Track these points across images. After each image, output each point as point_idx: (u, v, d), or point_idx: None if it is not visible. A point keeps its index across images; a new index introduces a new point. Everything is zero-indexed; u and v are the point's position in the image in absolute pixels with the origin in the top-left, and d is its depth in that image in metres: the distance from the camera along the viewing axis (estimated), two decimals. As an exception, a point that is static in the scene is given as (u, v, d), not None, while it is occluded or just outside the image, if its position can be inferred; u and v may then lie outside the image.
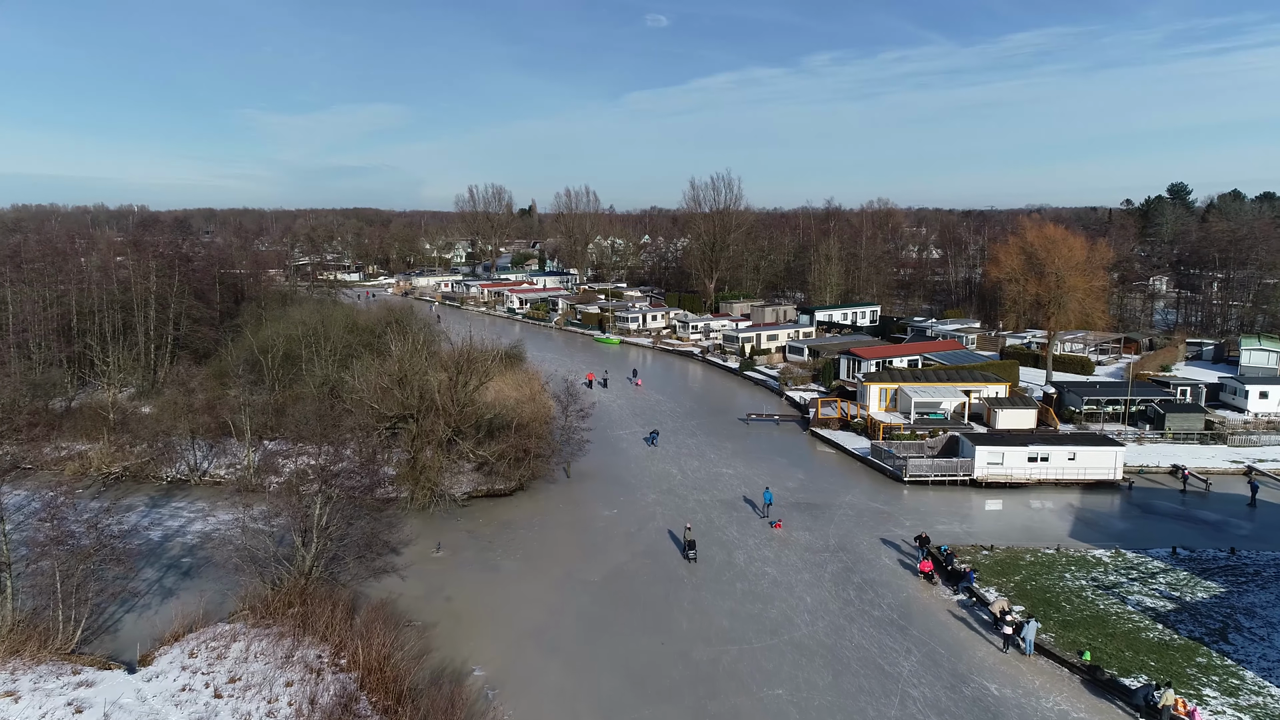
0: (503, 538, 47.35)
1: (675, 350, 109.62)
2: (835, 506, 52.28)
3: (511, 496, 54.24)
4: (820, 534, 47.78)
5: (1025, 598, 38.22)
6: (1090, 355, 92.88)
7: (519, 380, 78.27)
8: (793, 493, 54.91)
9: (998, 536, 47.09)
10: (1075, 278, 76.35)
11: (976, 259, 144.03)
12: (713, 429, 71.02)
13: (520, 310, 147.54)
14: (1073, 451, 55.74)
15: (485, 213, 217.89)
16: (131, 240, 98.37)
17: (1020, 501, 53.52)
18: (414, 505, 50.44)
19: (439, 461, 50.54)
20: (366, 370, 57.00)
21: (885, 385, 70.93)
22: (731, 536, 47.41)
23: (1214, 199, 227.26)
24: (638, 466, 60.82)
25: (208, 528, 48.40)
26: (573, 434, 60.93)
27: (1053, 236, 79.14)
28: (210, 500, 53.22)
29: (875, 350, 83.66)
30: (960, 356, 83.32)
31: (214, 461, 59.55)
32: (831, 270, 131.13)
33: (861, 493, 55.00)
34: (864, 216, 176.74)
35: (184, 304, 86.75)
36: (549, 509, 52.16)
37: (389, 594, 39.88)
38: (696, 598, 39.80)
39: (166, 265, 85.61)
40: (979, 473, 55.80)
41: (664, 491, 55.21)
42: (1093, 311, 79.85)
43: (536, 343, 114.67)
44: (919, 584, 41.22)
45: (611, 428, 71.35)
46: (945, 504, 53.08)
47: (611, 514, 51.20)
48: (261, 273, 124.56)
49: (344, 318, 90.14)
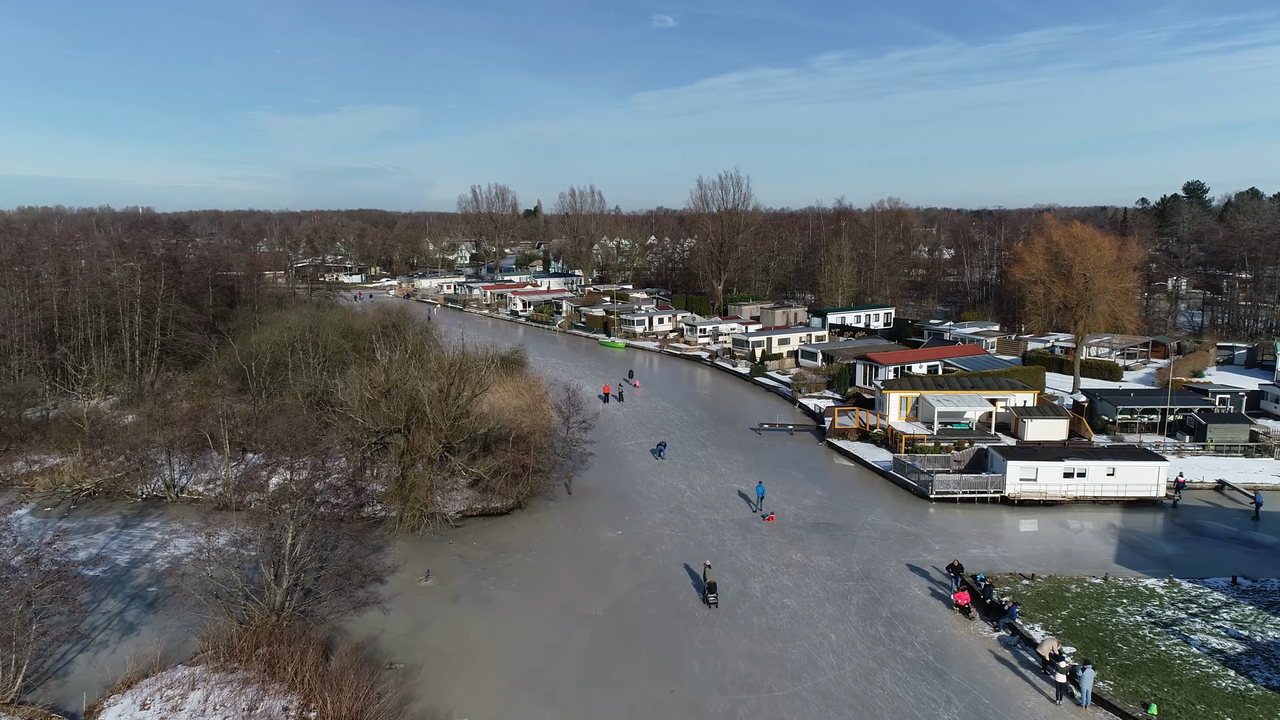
0: (497, 563, 43.62)
1: (683, 354, 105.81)
2: (857, 527, 48.40)
3: (508, 515, 50.54)
4: (842, 559, 43.92)
5: (1076, 637, 34.31)
6: (1116, 360, 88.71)
7: (519, 387, 74.64)
8: (810, 511, 51.06)
9: (1037, 562, 43.16)
10: (1105, 279, 72.27)
11: (992, 259, 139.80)
12: (723, 439, 67.20)
13: (523, 313, 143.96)
14: (1112, 467, 51.76)
15: (489, 214, 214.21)
16: (117, 242, 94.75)
17: (1057, 521, 49.56)
18: (402, 526, 46.78)
19: (429, 479, 46.84)
20: (354, 379, 53.40)
21: (906, 393, 66.99)
22: (746, 562, 43.58)
23: (1231, 197, 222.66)
24: (644, 481, 57.07)
25: (179, 552, 44.76)
26: (575, 446, 57.32)
27: (1080, 236, 75.07)
28: (186, 520, 49.59)
29: (893, 355, 79.71)
30: (982, 362, 79.32)
31: (193, 477, 55.97)
32: (844, 271, 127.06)
33: (884, 511, 51.12)
34: (874, 216, 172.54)
35: (171, 308, 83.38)
36: (548, 530, 48.43)
37: (370, 630, 36.19)
38: (709, 635, 36.00)
39: (153, 267, 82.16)
40: (1011, 490, 51.86)
41: (672, 510, 51.42)
42: (1123, 314, 75.74)
43: (539, 346, 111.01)
44: (954, 619, 37.35)
45: (616, 438, 67.60)
46: (975, 524, 49.16)
47: (616, 536, 47.43)
48: (258, 275, 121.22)
49: (338, 322, 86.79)
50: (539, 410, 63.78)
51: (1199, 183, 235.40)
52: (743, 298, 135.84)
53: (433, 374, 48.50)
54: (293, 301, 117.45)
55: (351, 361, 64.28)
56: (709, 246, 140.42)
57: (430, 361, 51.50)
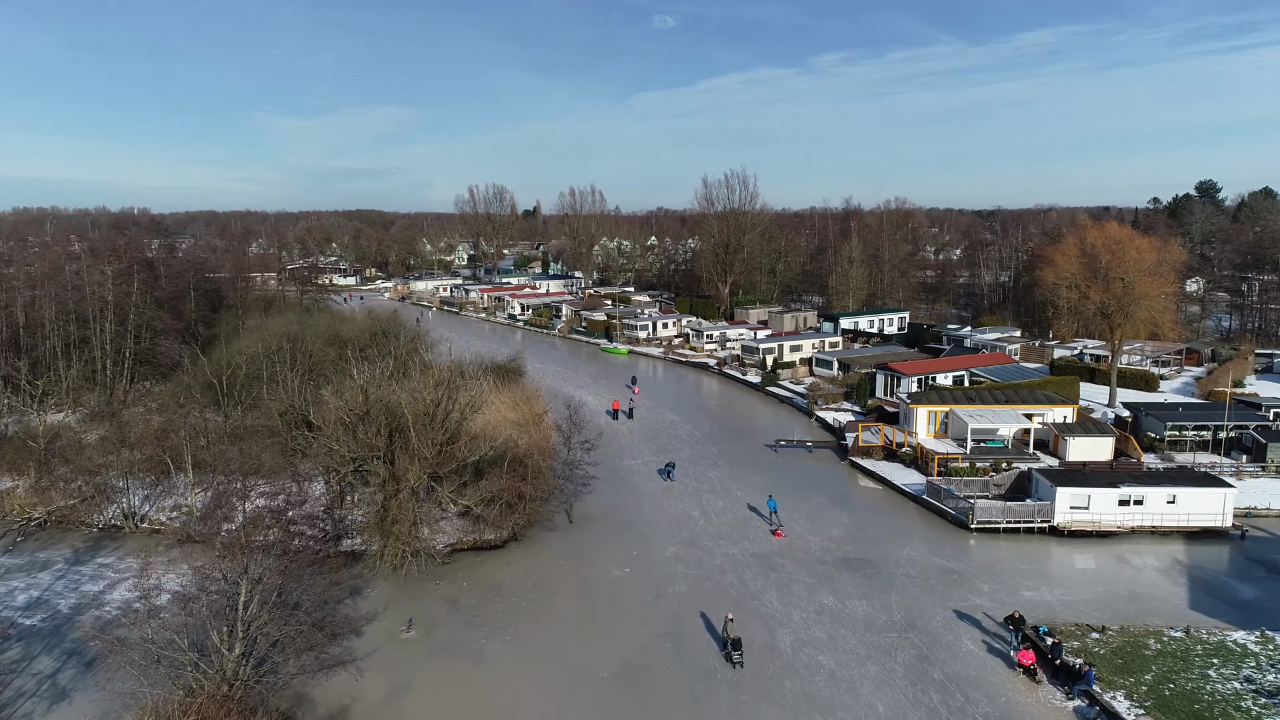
0: (490, 609, 38.51)
1: (688, 361, 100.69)
2: (892, 563, 43.30)
3: (503, 549, 45.46)
4: (880, 603, 38.83)
5: (1168, 711, 29.22)
6: (1150, 368, 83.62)
7: (516, 399, 69.05)
8: (838, 544, 45.96)
9: (1102, 608, 38.07)
10: (1146, 283, 67.22)
11: (1009, 260, 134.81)
12: (736, 457, 62.10)
13: (521, 316, 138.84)
14: (1172, 493, 46.67)
15: (486, 214, 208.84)
16: (89, 244, 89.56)
17: (1114, 556, 44.46)
18: (383, 564, 41.62)
19: (413, 511, 41.70)
20: (330, 399, 48.28)
21: (934, 408, 61.89)
22: (772, 607, 38.49)
23: (1245, 197, 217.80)
24: (652, 507, 51.99)
25: (131, 595, 39.55)
26: (576, 468, 52.27)
27: (1118, 236, 70.00)
28: (144, 555, 44.32)
29: (916, 365, 74.62)
30: (1011, 372, 74.25)
31: (156, 504, 50.84)
32: (855, 274, 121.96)
33: (921, 543, 46.01)
34: (883, 216, 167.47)
35: (146, 314, 78.23)
36: (547, 566, 43.33)
37: (340, 698, 31.12)
38: (735, 704, 30.90)
39: (125, 271, 77.01)
40: (1060, 519, 46.79)
41: (685, 542, 46.32)
42: (1163, 321, 70.73)
43: (538, 352, 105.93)
44: (1018, 682, 32.25)
45: (621, 456, 62.51)
46: (1024, 559, 44.06)
47: (623, 574, 42.32)
48: (244, 278, 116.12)
49: (324, 329, 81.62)
50: (537, 426, 58.53)
51: (1211, 182, 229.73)
52: (749, 301, 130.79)
53: (418, 392, 43.33)
54: (282, 305, 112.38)
55: (335, 372, 58.97)
56: (714, 248, 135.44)
57: (415, 377, 46.23)
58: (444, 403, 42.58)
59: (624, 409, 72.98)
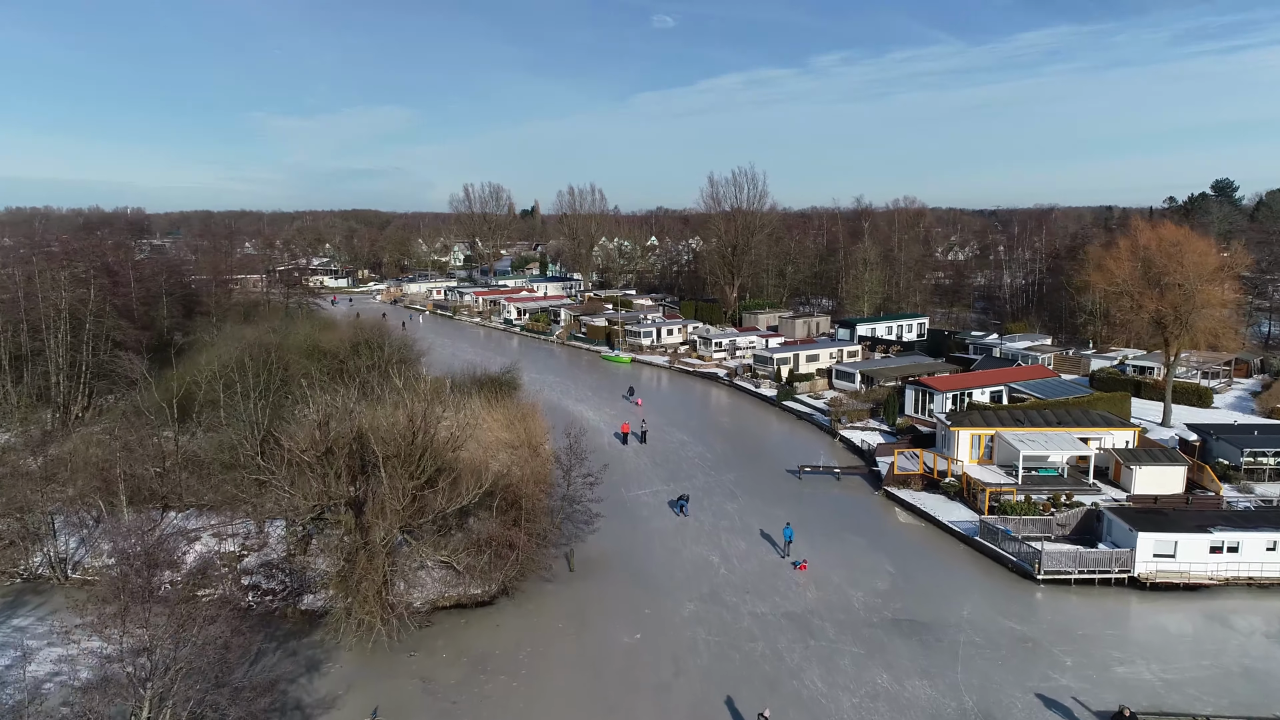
0: (473, 691, 31.84)
1: (696, 371, 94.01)
2: (953, 627, 36.63)
3: (492, 605, 38.81)
4: (945, 682, 32.16)
5: None
6: (1200, 381, 77.03)
7: (510, 417, 62.21)
8: (885, 599, 39.29)
9: (1218, 691, 31.45)
10: (1209, 290, 60.61)
11: (1032, 263, 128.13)
12: (755, 486, 55.45)
13: (518, 322, 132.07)
14: (1273, 539, 40.06)
15: (482, 214, 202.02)
16: (41, 248, 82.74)
17: (1212, 617, 37.82)
18: (347, 631, 34.87)
19: (383, 569, 34.97)
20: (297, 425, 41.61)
21: (978, 431, 55.23)
22: (814, 689, 31.82)
23: (1263, 196, 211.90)
24: (665, 549, 45.34)
25: (44, 671, 33.00)
26: (576, 504, 45.50)
27: (1174, 238, 63.36)
28: (71, 613, 37.48)
29: (949, 380, 67.94)
30: (1054, 387, 67.58)
31: (91, 547, 44.08)
32: (871, 277, 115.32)
33: (981, 598, 39.35)
34: (894, 216, 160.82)
35: (106, 324, 71.44)
36: (543, 631, 36.65)
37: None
38: (782, 839, 24.24)
39: (80, 276, 70.24)
40: (1142, 569, 40.16)
41: (705, 597, 39.65)
42: (1223, 331, 64.14)
43: (536, 361, 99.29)
44: (1137, 804, 25.63)
45: (627, 484, 55.85)
46: (1106, 621, 37.43)
47: (633, 641, 35.65)
48: (224, 281, 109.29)
49: (303, 338, 74.88)
50: (535, 456, 51.68)
51: (1228, 180, 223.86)
52: (757, 305, 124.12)
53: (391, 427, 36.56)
54: (266, 310, 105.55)
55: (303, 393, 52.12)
56: (720, 248, 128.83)
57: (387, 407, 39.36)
58: (420, 437, 35.84)
59: (635, 431, 65.84)
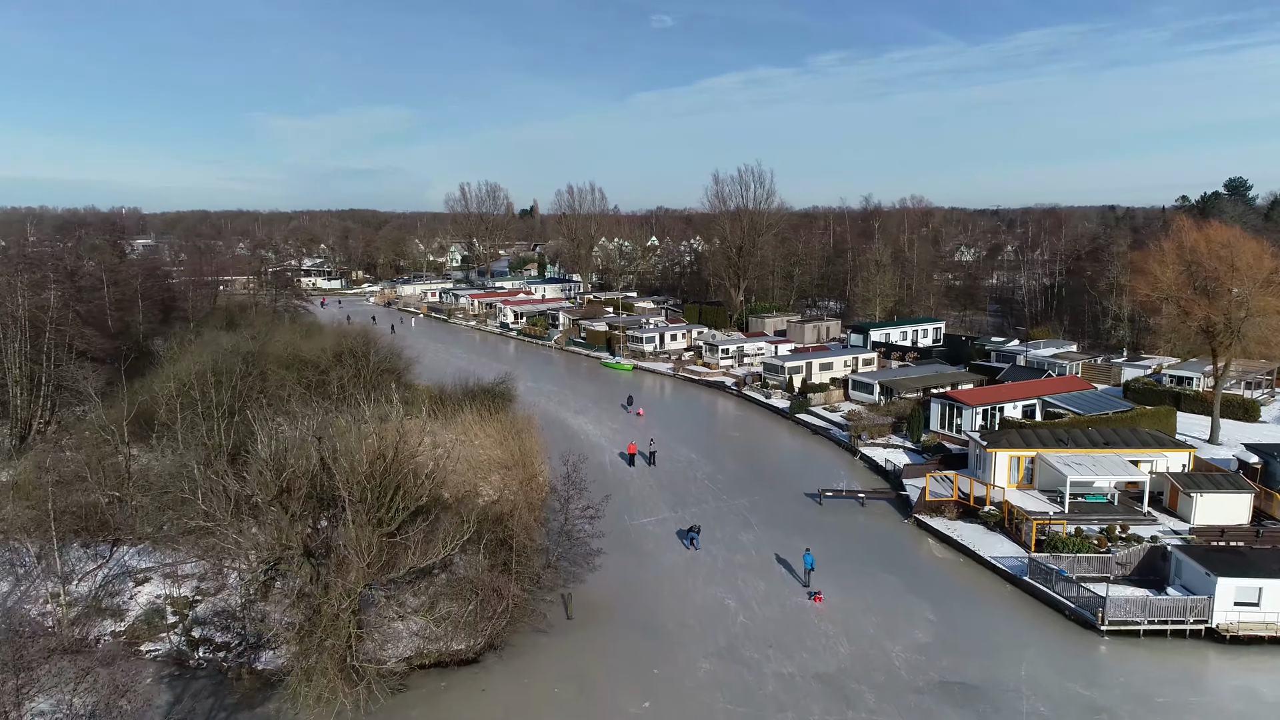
0: (452, 780, 26.84)
1: (701, 380, 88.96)
2: (1011, 692, 31.57)
3: (477, 664, 33.78)
4: (1010, 769, 27.14)
5: None
6: (1243, 392, 72.05)
7: (504, 432, 56.87)
8: (927, 654, 34.25)
9: (1337, 783, 26.46)
10: (1265, 296, 55.63)
11: (1050, 264, 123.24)
12: (772, 513, 50.44)
13: (515, 325, 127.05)
14: (1368, 585, 35.07)
15: (479, 214, 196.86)
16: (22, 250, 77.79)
17: (1307, 677, 32.84)
18: (310, 695, 29.86)
19: (349, 627, 29.93)
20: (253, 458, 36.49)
21: (1017, 452, 50.24)
22: (856, 777, 26.80)
23: (1277, 194, 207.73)
24: (674, 591, 40.33)
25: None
26: (575, 539, 40.45)
27: (1224, 240, 58.38)
28: None
29: (979, 393, 62.94)
30: (1092, 401, 62.55)
31: (29, 587, 39.08)
32: (884, 279, 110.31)
33: (1038, 654, 34.31)
34: (904, 215, 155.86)
35: (68, 332, 66.39)
36: (536, 698, 31.61)
37: None
38: None
39: (39, 281, 65.20)
40: (1221, 619, 35.16)
41: (722, 652, 34.61)
42: (1275, 338, 59.19)
43: (532, 368, 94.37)
44: None
45: (630, 511, 50.83)
46: (1187, 685, 32.42)
47: (641, 711, 30.62)
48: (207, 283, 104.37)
49: (283, 346, 69.80)
50: (532, 483, 46.63)
51: (1241, 179, 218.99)
52: (763, 308, 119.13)
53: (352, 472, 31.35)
54: (253, 314, 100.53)
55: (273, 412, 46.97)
56: (725, 249, 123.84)
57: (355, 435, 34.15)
58: (392, 475, 30.78)
59: (643, 452, 60.49)
